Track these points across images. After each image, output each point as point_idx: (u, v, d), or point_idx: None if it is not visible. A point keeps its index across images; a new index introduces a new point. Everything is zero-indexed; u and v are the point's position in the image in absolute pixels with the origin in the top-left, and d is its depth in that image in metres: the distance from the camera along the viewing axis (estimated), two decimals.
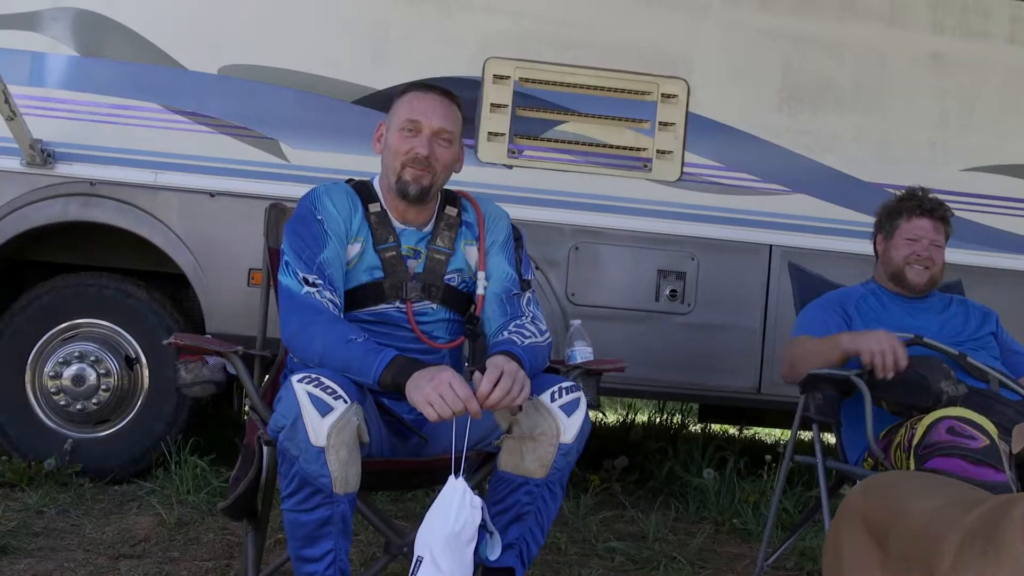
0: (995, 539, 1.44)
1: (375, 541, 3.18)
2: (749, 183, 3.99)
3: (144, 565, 2.87)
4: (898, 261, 3.02)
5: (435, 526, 2.06)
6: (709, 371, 4.00)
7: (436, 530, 2.05)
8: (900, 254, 3.02)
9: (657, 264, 3.96)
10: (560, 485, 2.28)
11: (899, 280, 3.03)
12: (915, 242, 3.00)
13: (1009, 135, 4.08)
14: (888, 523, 1.76)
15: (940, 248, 3.02)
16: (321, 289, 2.29)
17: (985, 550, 1.45)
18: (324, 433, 2.02)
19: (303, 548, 2.12)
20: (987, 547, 1.45)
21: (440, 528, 2.05)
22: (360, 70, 3.89)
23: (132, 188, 3.83)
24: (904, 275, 3.01)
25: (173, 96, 3.85)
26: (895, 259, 3.03)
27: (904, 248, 3.01)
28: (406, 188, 2.40)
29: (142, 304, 3.91)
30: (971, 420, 2.37)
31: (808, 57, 4.03)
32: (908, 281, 3.01)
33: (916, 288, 3.01)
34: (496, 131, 3.90)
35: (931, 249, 3.00)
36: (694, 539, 3.46)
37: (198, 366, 2.35)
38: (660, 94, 3.95)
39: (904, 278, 3.01)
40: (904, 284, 3.02)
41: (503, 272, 2.49)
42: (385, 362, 2.13)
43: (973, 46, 4.08)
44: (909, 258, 3.00)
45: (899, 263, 3.02)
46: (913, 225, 3.02)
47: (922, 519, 1.66)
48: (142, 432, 3.89)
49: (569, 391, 2.25)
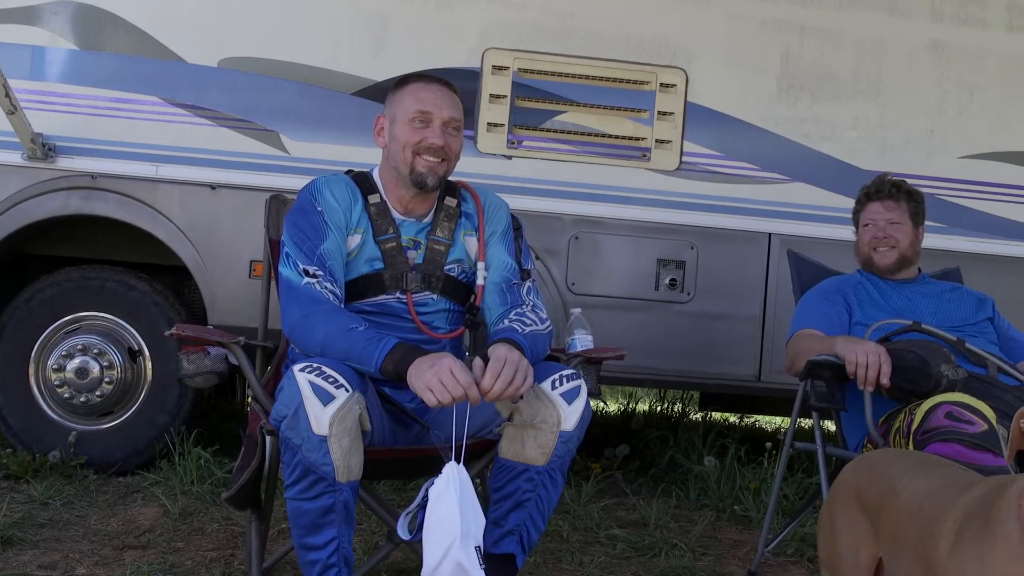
0: (991, 521, 1.46)
1: (378, 530, 3.20)
2: (748, 172, 4.00)
3: (149, 555, 2.89)
4: (864, 248, 3.12)
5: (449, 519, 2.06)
6: (709, 359, 4.02)
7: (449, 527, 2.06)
8: (863, 242, 3.13)
9: (657, 253, 3.98)
10: (561, 472, 2.29)
11: (870, 266, 3.11)
12: (871, 227, 3.10)
13: (1007, 123, 4.09)
14: (879, 502, 1.78)
15: (899, 225, 3.07)
16: (321, 280, 2.30)
17: (982, 533, 1.47)
18: (326, 422, 2.04)
19: (306, 536, 2.14)
20: (983, 530, 1.46)
21: (451, 527, 2.06)
22: (360, 62, 3.90)
23: (133, 181, 3.84)
24: (872, 260, 3.10)
25: (173, 89, 3.86)
26: (861, 248, 3.14)
27: (865, 235, 3.12)
28: (423, 179, 2.41)
29: (144, 297, 3.92)
30: (970, 405, 2.38)
31: (807, 46, 4.04)
32: (876, 264, 3.09)
33: (886, 269, 3.08)
34: (495, 122, 3.91)
35: (888, 229, 3.06)
36: (695, 526, 3.48)
37: (200, 357, 2.37)
38: (659, 83, 3.96)
39: (872, 263, 3.10)
40: (875, 269, 3.09)
41: (503, 262, 2.50)
42: (387, 350, 2.14)
43: (972, 34, 4.08)
44: (871, 243, 3.09)
45: (865, 251, 3.12)
46: (866, 212, 3.12)
47: (915, 500, 1.68)
48: (145, 424, 3.91)
49: (570, 379, 2.26)
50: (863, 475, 1.89)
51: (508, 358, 2.12)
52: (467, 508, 2.06)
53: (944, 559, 1.51)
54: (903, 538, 1.68)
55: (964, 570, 1.46)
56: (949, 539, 1.52)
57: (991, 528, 1.45)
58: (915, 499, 1.68)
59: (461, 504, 2.05)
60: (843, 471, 1.98)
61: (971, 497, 1.55)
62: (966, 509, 1.53)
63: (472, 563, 2.04)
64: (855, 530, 1.85)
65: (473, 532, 2.05)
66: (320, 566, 2.13)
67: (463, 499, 2.06)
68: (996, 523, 1.44)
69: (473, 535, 2.05)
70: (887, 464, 1.87)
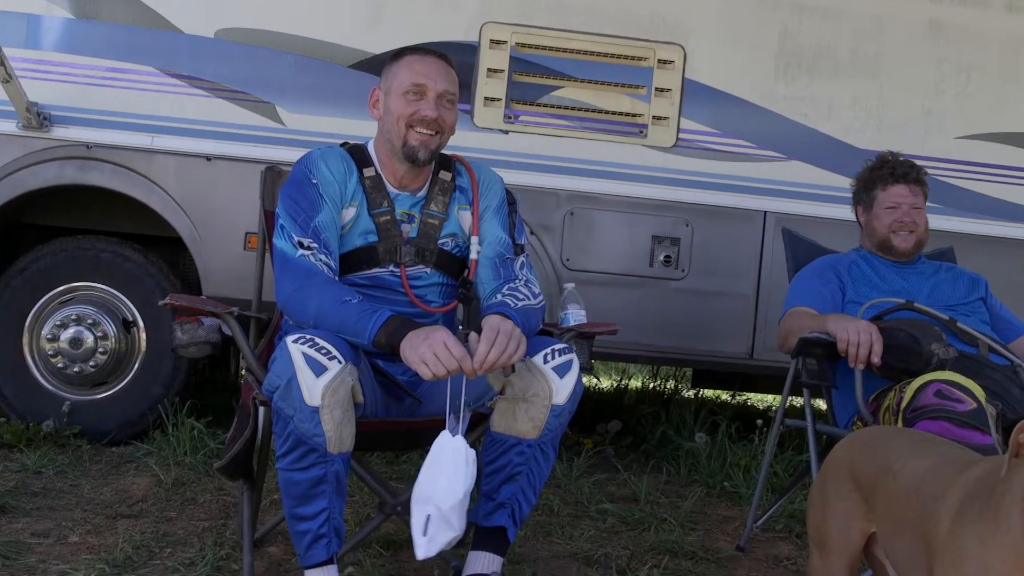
0: (993, 506, 1.46)
1: (370, 501, 3.22)
2: (744, 149, 4.00)
3: (141, 524, 2.90)
4: (882, 230, 3.07)
5: (438, 483, 2.08)
6: (702, 337, 4.03)
7: (441, 488, 2.07)
8: (883, 223, 3.06)
9: (652, 230, 3.98)
10: (552, 446, 2.31)
11: (887, 248, 3.07)
12: (895, 209, 3.05)
13: (1005, 103, 4.08)
14: (876, 479, 1.79)
15: (920, 210, 3.07)
16: (316, 252, 2.30)
17: (983, 515, 1.47)
18: (319, 393, 2.05)
19: (298, 507, 2.15)
20: (985, 512, 1.47)
21: (447, 486, 2.07)
22: (357, 34, 3.88)
23: (128, 152, 3.83)
24: (891, 243, 3.06)
25: (169, 59, 3.84)
26: (879, 229, 3.08)
27: (886, 217, 3.06)
28: (415, 153, 2.41)
29: (139, 268, 3.92)
30: (959, 383, 2.40)
31: (806, 24, 4.02)
32: (895, 248, 3.06)
33: (904, 253, 3.06)
34: (492, 96, 3.90)
35: (912, 213, 3.05)
36: (685, 502, 3.50)
37: (194, 327, 2.38)
38: (656, 60, 3.95)
39: (891, 246, 3.06)
40: (892, 251, 3.07)
41: (496, 236, 2.51)
42: (380, 322, 2.15)
43: (971, 14, 4.07)
44: (893, 226, 3.05)
45: (884, 232, 3.06)
46: (889, 193, 3.06)
47: (914, 479, 1.68)
48: (139, 394, 3.92)
49: (562, 353, 2.27)
50: (858, 452, 1.90)
51: (501, 327, 2.13)
52: (437, 475, 2.08)
53: (944, 537, 1.52)
54: (901, 516, 1.68)
55: (965, 549, 1.47)
56: (949, 518, 1.52)
57: (993, 513, 1.45)
58: (914, 477, 1.69)
59: (430, 469, 2.09)
60: (836, 447, 1.99)
61: (972, 476, 1.55)
62: (967, 488, 1.54)
63: (415, 525, 2.08)
64: (847, 506, 1.86)
65: (434, 500, 2.07)
66: (310, 536, 2.15)
67: (435, 465, 2.09)
68: (999, 511, 1.44)
69: (434, 502, 2.06)
70: (884, 442, 1.88)
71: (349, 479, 2.23)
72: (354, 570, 2.60)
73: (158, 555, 2.66)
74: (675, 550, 2.99)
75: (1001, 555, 1.42)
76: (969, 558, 1.46)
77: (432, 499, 2.08)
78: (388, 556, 2.75)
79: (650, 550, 2.99)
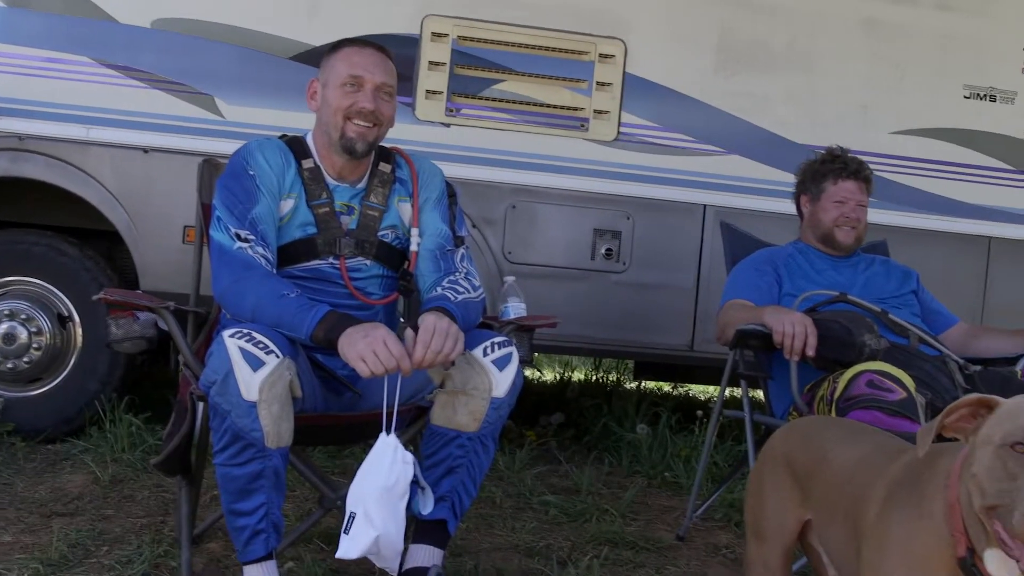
0: (918, 493, 1.50)
1: (311, 496, 3.20)
2: (684, 144, 4.04)
3: (77, 522, 2.86)
4: (827, 223, 3.11)
5: (367, 481, 2.09)
6: (643, 329, 4.07)
7: (369, 485, 2.08)
8: (829, 216, 3.11)
9: (593, 223, 4.00)
10: (492, 439, 2.32)
11: (829, 241, 3.12)
12: (843, 204, 3.10)
13: (935, 100, 4.17)
14: (811, 468, 1.82)
15: (865, 208, 3.13)
16: (253, 244, 2.29)
17: (908, 501, 1.50)
18: (256, 388, 2.03)
19: (236, 502, 2.14)
20: (911, 498, 1.50)
21: (373, 483, 2.08)
22: (297, 26, 3.85)
23: (63, 143, 3.76)
24: (834, 236, 3.11)
25: (105, 50, 3.77)
26: (824, 221, 3.12)
27: (833, 211, 3.11)
28: (352, 145, 2.40)
29: (74, 262, 3.85)
30: (889, 373, 2.45)
31: (744, 19, 4.07)
32: (838, 242, 3.11)
33: (845, 248, 3.12)
34: (434, 89, 3.89)
35: (858, 210, 3.11)
36: (626, 492, 3.54)
37: (128, 322, 2.34)
38: (598, 54, 3.97)
39: (834, 239, 3.11)
40: (834, 245, 3.12)
41: (437, 229, 2.51)
42: (318, 318, 2.14)
43: (903, 12, 4.15)
44: (838, 220, 3.10)
45: (828, 225, 3.11)
46: (840, 188, 3.11)
47: (847, 467, 1.72)
48: (76, 391, 3.85)
49: (501, 346, 2.28)
50: (794, 442, 1.93)
51: (436, 327, 2.13)
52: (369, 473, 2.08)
53: (872, 523, 1.55)
54: (834, 503, 1.72)
55: (890, 534, 1.50)
56: (878, 504, 1.56)
57: (917, 499, 1.49)
58: (847, 466, 1.72)
59: (365, 468, 2.08)
60: (772, 437, 2.03)
61: (901, 463, 1.59)
62: (894, 476, 1.57)
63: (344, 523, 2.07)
64: (783, 495, 1.90)
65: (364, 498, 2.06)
66: (248, 532, 2.13)
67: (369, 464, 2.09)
68: (923, 497, 1.48)
69: (364, 501, 2.05)
70: (818, 431, 1.91)
71: (291, 474, 2.21)
72: (294, 565, 2.59)
73: (94, 553, 2.63)
74: (616, 540, 3.03)
75: (923, 540, 1.46)
76: (893, 543, 1.49)
77: (360, 498, 2.07)
78: (329, 551, 2.73)
79: (591, 541, 3.02)
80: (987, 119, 4.19)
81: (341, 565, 2.66)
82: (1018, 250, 4.21)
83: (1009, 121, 4.20)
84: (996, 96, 4.20)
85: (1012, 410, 1.38)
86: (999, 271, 4.21)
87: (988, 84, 4.19)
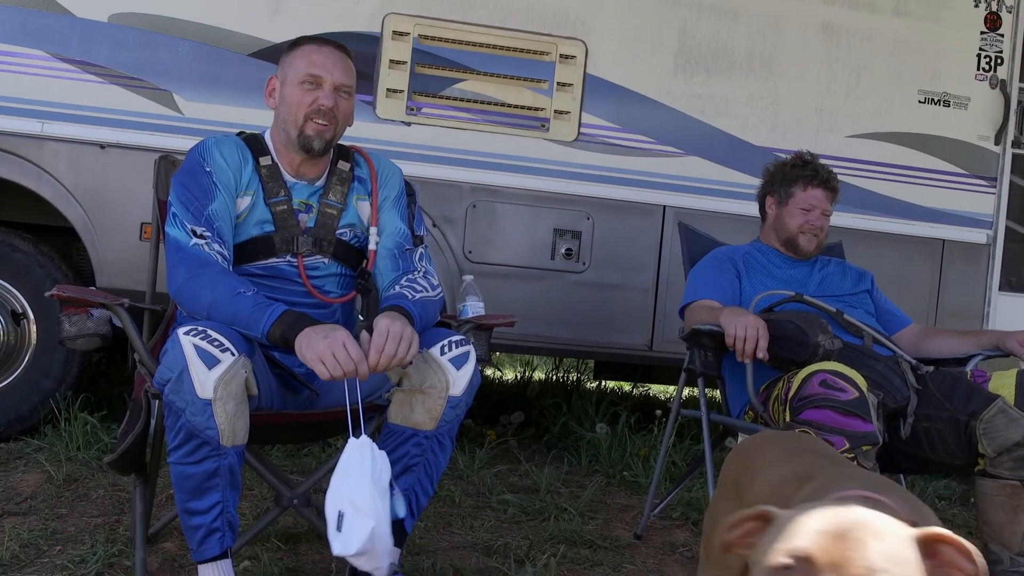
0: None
1: (269, 495, 3.18)
2: (644, 145, 4.06)
3: (30, 522, 2.82)
4: (792, 228, 3.14)
5: (348, 480, 2.04)
6: (603, 329, 4.09)
7: (352, 483, 2.03)
8: (795, 222, 3.14)
9: (553, 223, 4.02)
10: (449, 437, 2.32)
11: (791, 246, 3.16)
12: (809, 212, 3.13)
13: (891, 104, 4.24)
14: (745, 488, 1.80)
15: (828, 216, 3.16)
16: (210, 241, 2.27)
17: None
18: (211, 386, 2.02)
19: (190, 500, 2.12)
20: None
21: (356, 480, 2.03)
22: (257, 23, 3.82)
23: (17, 138, 3.71)
24: (796, 242, 3.14)
25: (61, 44, 3.72)
26: (789, 226, 3.15)
27: (799, 217, 3.13)
28: (310, 143, 2.39)
29: (29, 258, 3.80)
30: (842, 373, 2.49)
31: (704, 22, 4.11)
32: (800, 247, 3.14)
33: (806, 253, 3.15)
34: (395, 88, 3.88)
35: (822, 219, 3.14)
36: (585, 491, 3.55)
37: (82, 318, 2.32)
38: (559, 55, 3.99)
39: (796, 245, 3.14)
40: (795, 250, 3.15)
41: (395, 227, 2.51)
42: (274, 317, 2.13)
43: (861, 17, 4.21)
44: (803, 227, 3.13)
45: (793, 231, 3.14)
46: (808, 195, 3.13)
47: (766, 490, 1.68)
48: (29, 389, 3.80)
49: (459, 345, 2.29)
50: (738, 462, 1.89)
51: (391, 331, 2.13)
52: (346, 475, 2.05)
53: None
54: None
55: None
56: None
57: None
58: (765, 489, 1.65)
59: (339, 473, 2.05)
60: (727, 457, 2.00)
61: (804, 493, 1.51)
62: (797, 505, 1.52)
63: (329, 524, 2.03)
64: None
65: (346, 497, 2.03)
66: (204, 530, 2.12)
67: (342, 468, 2.06)
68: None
69: (347, 499, 2.02)
70: (755, 451, 1.87)
71: (249, 473, 2.20)
72: (251, 564, 2.58)
73: (47, 553, 2.60)
74: (574, 539, 3.04)
75: None
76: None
77: (344, 497, 2.04)
78: (286, 550, 2.73)
79: (549, 539, 3.03)
80: (941, 124, 4.26)
81: (298, 564, 2.65)
82: (970, 253, 4.29)
83: (963, 126, 4.27)
84: (950, 101, 4.27)
85: (781, 527, 1.24)
86: (952, 273, 4.28)
87: (943, 89, 4.27)
